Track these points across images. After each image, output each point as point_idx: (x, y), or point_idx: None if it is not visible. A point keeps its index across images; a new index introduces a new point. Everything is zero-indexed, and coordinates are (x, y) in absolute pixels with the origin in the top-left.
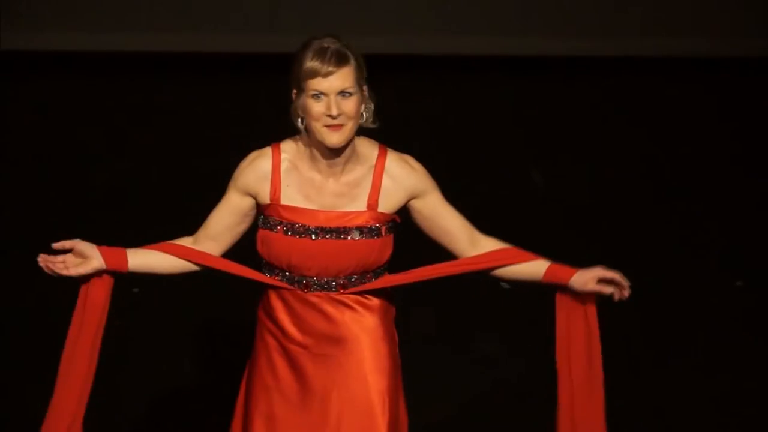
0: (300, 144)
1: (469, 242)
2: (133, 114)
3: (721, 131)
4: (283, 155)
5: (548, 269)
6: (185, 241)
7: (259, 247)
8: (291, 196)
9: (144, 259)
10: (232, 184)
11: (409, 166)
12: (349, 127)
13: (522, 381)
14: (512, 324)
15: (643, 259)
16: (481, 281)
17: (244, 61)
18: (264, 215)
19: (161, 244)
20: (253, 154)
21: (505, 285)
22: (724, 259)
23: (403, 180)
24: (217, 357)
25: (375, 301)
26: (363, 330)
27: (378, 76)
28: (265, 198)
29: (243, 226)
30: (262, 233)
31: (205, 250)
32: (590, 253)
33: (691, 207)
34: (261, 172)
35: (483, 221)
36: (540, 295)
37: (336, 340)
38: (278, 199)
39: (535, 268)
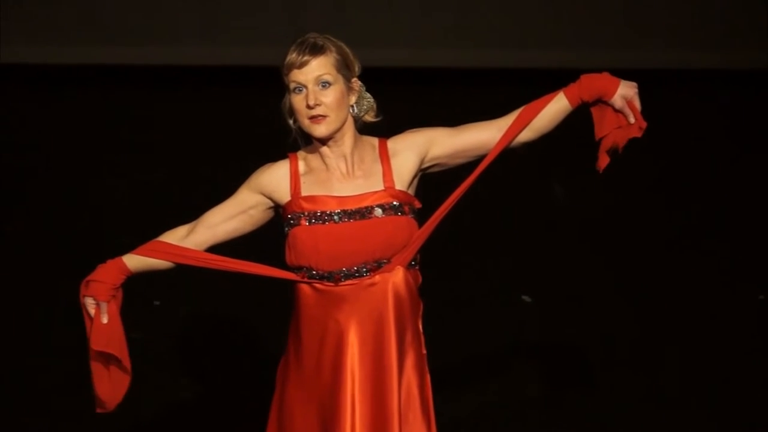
0: (311, 149)
1: (499, 133)
2: (145, 126)
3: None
4: (300, 162)
5: (569, 97)
6: (180, 232)
7: (287, 254)
8: (311, 190)
9: (143, 262)
10: (244, 184)
11: (404, 133)
12: (333, 118)
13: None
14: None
15: (663, 274)
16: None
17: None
18: (287, 217)
19: (154, 245)
20: (269, 163)
21: (526, 299)
22: (746, 273)
23: (406, 146)
24: (243, 369)
25: (404, 293)
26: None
27: (392, 88)
28: (285, 195)
29: (240, 224)
30: (288, 238)
31: (199, 239)
32: (607, 267)
33: (711, 219)
34: (279, 174)
35: (499, 232)
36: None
37: (365, 326)
38: (299, 193)
39: (559, 104)
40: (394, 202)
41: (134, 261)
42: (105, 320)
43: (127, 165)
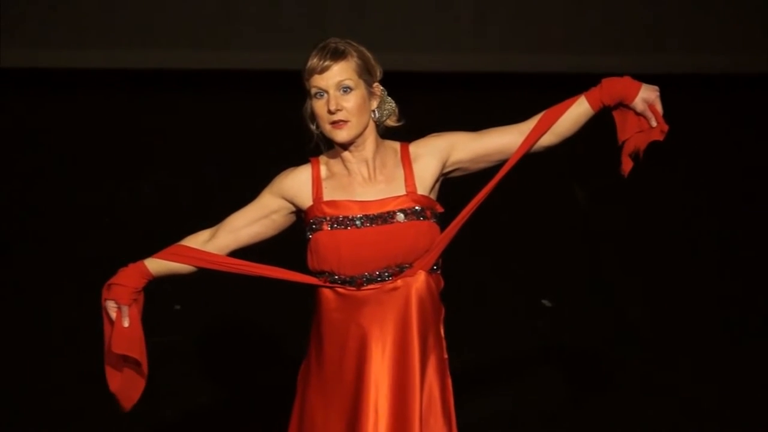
0: (333, 153)
1: (520, 137)
2: (157, 131)
3: None
4: (322, 167)
5: (590, 101)
6: (202, 237)
7: (309, 259)
8: (333, 195)
9: (165, 266)
10: (266, 189)
11: (426, 137)
12: (354, 123)
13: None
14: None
15: (683, 279)
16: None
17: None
18: (309, 221)
19: (176, 249)
20: (291, 168)
21: (546, 303)
22: (762, 277)
23: (428, 150)
24: (264, 373)
25: (426, 298)
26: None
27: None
28: (307, 199)
29: (262, 228)
30: (310, 243)
31: (221, 243)
32: (628, 273)
33: (725, 222)
34: (301, 178)
35: (520, 237)
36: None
37: (386, 332)
38: (320, 198)
39: (580, 108)
40: (416, 207)
41: (156, 265)
42: (126, 324)
43: (145, 169)
